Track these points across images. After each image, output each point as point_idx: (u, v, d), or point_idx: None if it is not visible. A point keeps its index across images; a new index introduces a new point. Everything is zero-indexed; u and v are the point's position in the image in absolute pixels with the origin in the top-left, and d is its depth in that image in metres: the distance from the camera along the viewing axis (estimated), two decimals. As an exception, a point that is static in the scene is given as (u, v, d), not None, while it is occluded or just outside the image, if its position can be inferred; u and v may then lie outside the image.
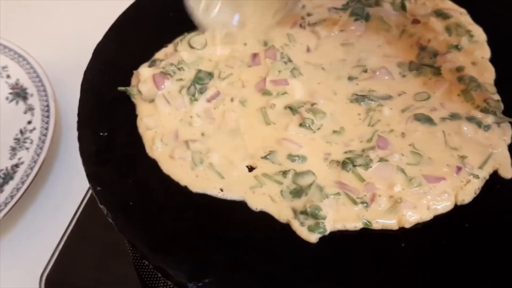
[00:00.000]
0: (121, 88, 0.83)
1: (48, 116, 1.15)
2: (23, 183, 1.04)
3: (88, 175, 0.73)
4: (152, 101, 0.82)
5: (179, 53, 0.87)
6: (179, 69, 0.85)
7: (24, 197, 1.03)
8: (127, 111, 0.82)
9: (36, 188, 1.11)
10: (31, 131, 1.15)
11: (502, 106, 0.80)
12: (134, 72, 0.85)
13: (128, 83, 0.85)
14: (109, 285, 0.93)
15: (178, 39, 0.90)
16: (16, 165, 1.09)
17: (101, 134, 0.78)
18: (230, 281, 0.64)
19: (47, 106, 1.17)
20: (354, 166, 0.73)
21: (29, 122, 1.16)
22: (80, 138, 0.77)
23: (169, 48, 0.89)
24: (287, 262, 0.66)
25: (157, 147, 0.77)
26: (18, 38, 1.27)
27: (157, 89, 0.83)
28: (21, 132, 1.15)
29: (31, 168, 1.07)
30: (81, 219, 0.97)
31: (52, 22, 1.41)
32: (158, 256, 0.66)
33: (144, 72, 0.84)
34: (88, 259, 0.94)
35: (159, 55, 0.88)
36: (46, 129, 1.13)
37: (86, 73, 0.85)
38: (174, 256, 0.66)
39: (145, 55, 0.88)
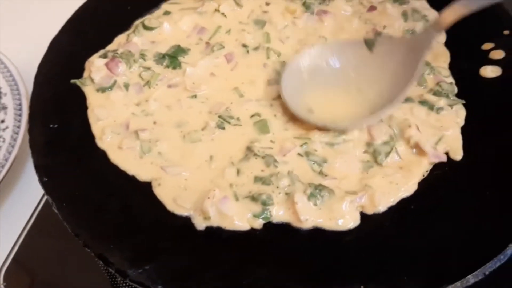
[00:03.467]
0: (73, 81, 0.83)
1: (20, 115, 1.15)
2: (-5, 180, 1.05)
3: (36, 166, 0.73)
4: (105, 90, 0.82)
5: (132, 40, 0.87)
6: (133, 55, 0.85)
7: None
8: (80, 103, 0.81)
9: (9, 186, 1.11)
10: (3, 130, 1.15)
11: (455, 89, 0.79)
12: (86, 62, 0.85)
13: (82, 75, 0.85)
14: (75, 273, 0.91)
15: (130, 29, 0.90)
16: (-11, 163, 1.10)
17: (51, 126, 0.78)
18: (171, 267, 0.64)
19: (20, 105, 1.17)
20: None
21: (2, 121, 1.16)
22: (30, 130, 0.77)
23: (122, 37, 0.89)
24: (230, 246, 0.66)
25: (107, 138, 0.76)
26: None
27: (113, 73, 0.83)
28: (-6, 130, 1.16)
29: (2, 166, 1.07)
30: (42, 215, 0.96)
31: (25, 22, 1.41)
32: (100, 244, 0.66)
33: (96, 61, 0.84)
34: (49, 253, 0.93)
35: (111, 46, 0.88)
36: (18, 127, 1.13)
37: (41, 66, 0.86)
38: (116, 244, 0.66)
39: (101, 47, 0.88)
